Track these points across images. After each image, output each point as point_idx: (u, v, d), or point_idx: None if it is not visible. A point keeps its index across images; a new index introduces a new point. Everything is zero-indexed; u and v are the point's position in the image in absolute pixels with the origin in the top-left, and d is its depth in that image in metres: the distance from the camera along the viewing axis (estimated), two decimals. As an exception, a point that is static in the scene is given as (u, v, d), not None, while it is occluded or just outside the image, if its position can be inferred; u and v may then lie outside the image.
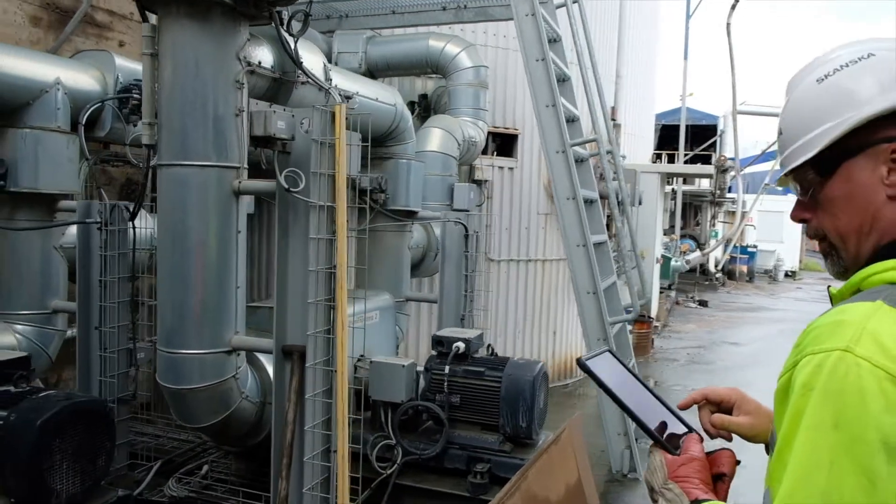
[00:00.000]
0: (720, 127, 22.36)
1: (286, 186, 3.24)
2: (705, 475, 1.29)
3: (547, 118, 6.28)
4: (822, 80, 1.20)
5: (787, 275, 26.28)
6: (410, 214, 5.36)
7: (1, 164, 4.12)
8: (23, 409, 2.98)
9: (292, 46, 3.65)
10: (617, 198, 6.96)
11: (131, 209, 3.97)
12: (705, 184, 22.21)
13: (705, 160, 21.23)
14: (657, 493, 1.29)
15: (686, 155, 20.34)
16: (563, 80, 6.90)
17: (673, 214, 19.28)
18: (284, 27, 3.60)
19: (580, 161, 7.00)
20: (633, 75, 15.13)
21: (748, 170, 31.84)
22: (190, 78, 3.43)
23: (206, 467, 4.39)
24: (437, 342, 4.19)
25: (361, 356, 4.41)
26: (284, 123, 3.22)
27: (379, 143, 5.24)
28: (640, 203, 10.52)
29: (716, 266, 21.99)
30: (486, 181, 8.21)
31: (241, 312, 3.64)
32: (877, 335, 0.98)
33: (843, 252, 1.22)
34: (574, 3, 6.98)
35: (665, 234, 19.37)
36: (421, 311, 7.67)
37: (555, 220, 8.94)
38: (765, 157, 33.77)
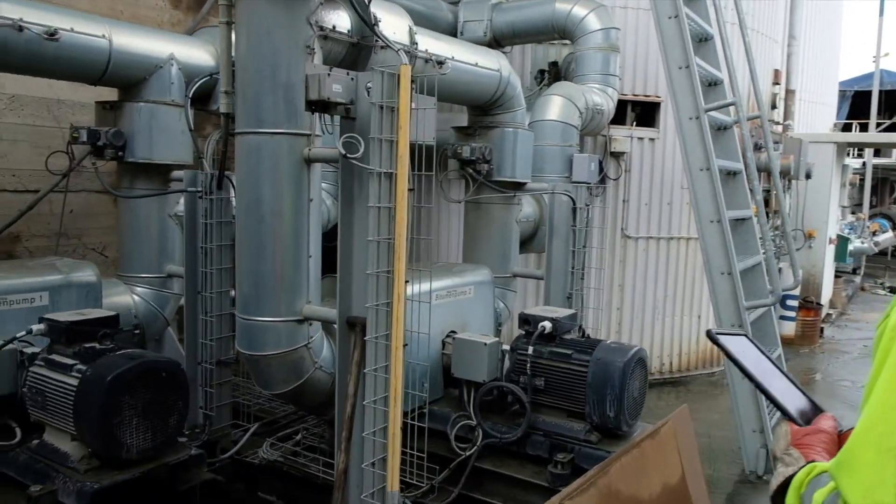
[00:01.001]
0: (925, 91, 19.49)
1: (343, 152, 3.08)
2: (831, 447, 1.26)
3: (679, 81, 5.65)
4: None
5: None
6: (518, 186, 5.05)
7: (119, 136, 4.33)
8: (99, 365, 3.09)
9: (365, 7, 3.47)
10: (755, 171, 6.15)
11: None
12: (905, 156, 19.58)
13: (907, 130, 18.65)
14: (778, 459, 1.28)
15: (880, 125, 17.96)
16: (703, 39, 6.20)
17: (860, 190, 17.15)
18: (357, -12, 3.42)
19: (723, 128, 6.27)
20: (811, 36, 13.53)
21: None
22: (261, 45, 3.36)
23: (301, 434, 4.42)
24: (524, 321, 3.88)
25: (452, 332, 4.21)
26: (342, 87, 3.06)
27: (483, 111, 4.97)
28: (808, 177, 9.35)
29: (916, 248, 19.33)
30: (623, 153, 7.64)
31: (314, 282, 3.57)
32: None
33: None
34: (721, -47, 6.23)
35: (852, 213, 17.31)
36: (536, 289, 7.31)
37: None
38: None
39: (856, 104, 21.95)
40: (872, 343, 1.16)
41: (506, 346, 3.94)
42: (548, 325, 3.74)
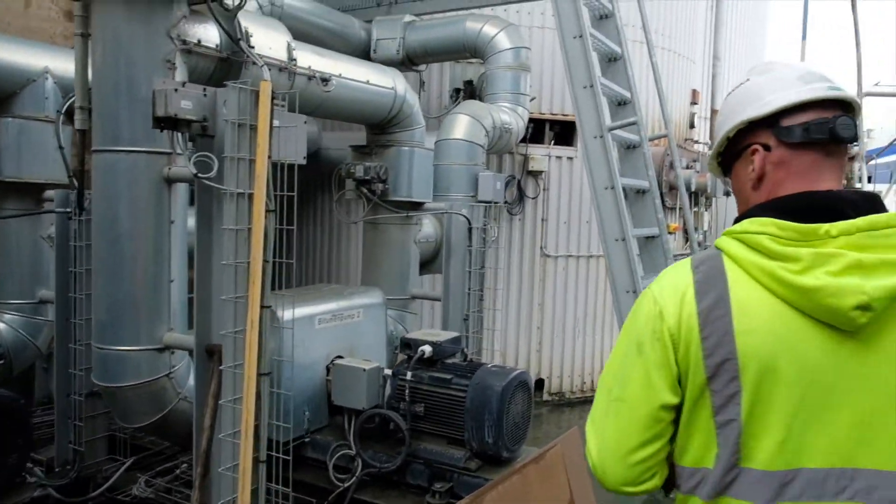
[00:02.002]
0: (849, 113, 20.15)
1: (195, 172, 2.91)
2: None
3: (584, 100, 5.63)
4: (727, 98, 1.54)
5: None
6: (415, 206, 4.93)
7: (-15, 155, 4.09)
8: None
9: (230, 19, 3.32)
10: (660, 189, 6.16)
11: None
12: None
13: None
14: None
15: (807, 143, 18.47)
16: (612, 59, 6.21)
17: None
18: (220, 1, 3.27)
19: (632, 147, 6.28)
20: (735, 57, 13.86)
21: (887, 159, 28.74)
22: (118, 58, 3.19)
23: (181, 467, 4.19)
24: (406, 345, 3.74)
25: (338, 357, 4.05)
26: (192, 103, 2.89)
27: (380, 129, 4.85)
28: (726, 195, 9.48)
29: (842, 264, 19.89)
30: (541, 172, 7.62)
31: (177, 308, 3.38)
32: (666, 276, 1.45)
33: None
34: (629, -26, 6.27)
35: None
36: (437, 311, 7.23)
37: (622, 213, 8.20)
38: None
39: (785, 124, 22.55)
40: None
41: (389, 371, 3.79)
42: (427, 349, 3.61)
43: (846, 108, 1.39)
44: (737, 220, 1.41)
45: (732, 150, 1.49)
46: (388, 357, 4.47)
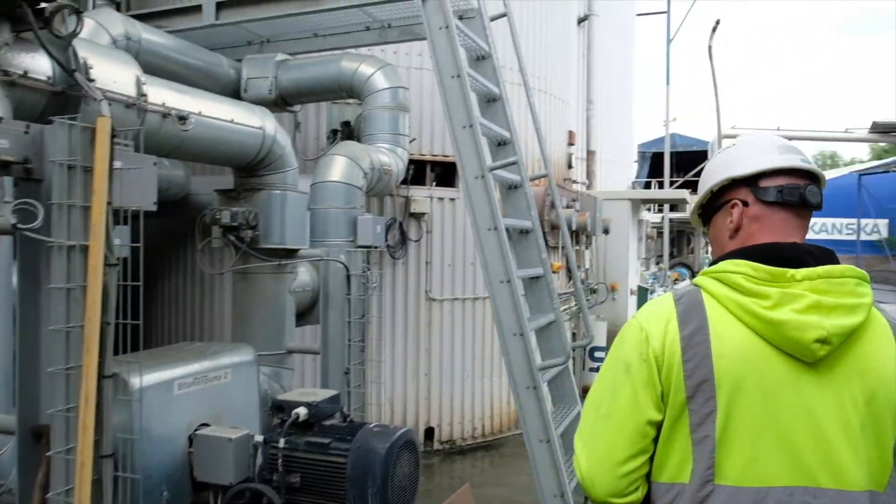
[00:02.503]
0: (710, 151, 21.53)
1: (13, 222, 2.47)
2: None
3: (464, 140, 5.51)
4: (709, 163, 1.79)
5: (788, 302, 25.13)
6: (289, 253, 4.59)
7: None
8: None
9: (63, 48, 2.91)
10: (542, 228, 6.12)
11: None
12: (697, 211, 21.33)
13: (696, 186, 20.38)
14: None
15: (674, 182, 19.51)
16: (491, 99, 6.17)
17: (661, 243, 18.38)
18: (49, 27, 2.87)
19: (513, 187, 6.23)
20: (607, 101, 14.44)
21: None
22: (-80, 91, 2.70)
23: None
24: (278, 408, 3.37)
25: (203, 426, 3.60)
26: (8, 141, 2.47)
27: (248, 171, 4.49)
28: (606, 232, 9.70)
29: (712, 295, 20.97)
30: (424, 214, 7.45)
31: (-2, 382, 2.87)
32: (650, 307, 1.62)
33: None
34: (503, 16, 6.28)
35: (656, 264, 18.49)
36: (316, 366, 6.88)
37: (507, 254, 8.16)
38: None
39: (654, 164, 23.84)
40: None
41: (260, 438, 3.40)
42: (302, 411, 3.26)
43: (813, 177, 1.63)
44: (712, 264, 1.62)
45: (713, 204, 1.71)
46: (262, 421, 4.05)
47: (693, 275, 20.26)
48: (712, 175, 1.70)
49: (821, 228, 43.32)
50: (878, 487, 1.48)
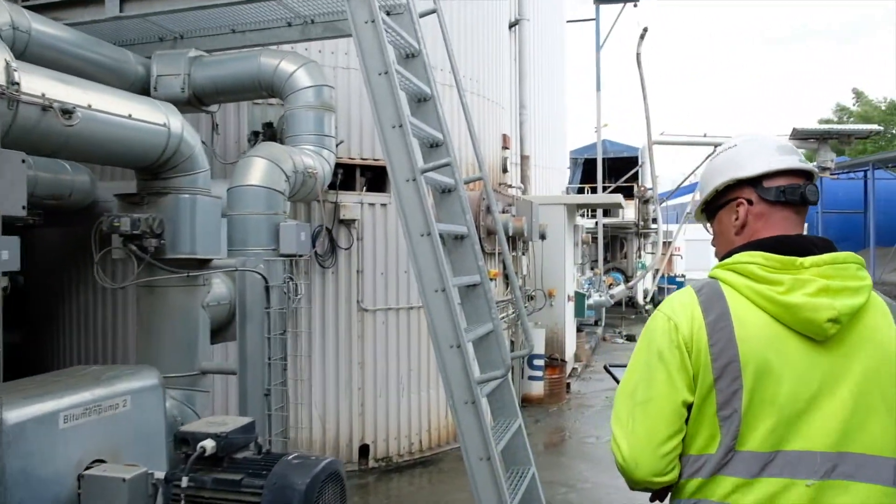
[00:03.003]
0: (640, 158, 21.82)
1: None
2: None
3: (393, 141, 5.17)
4: (712, 160, 1.91)
5: (717, 303, 25.68)
6: (202, 263, 4.13)
7: None
8: None
9: None
10: (478, 234, 5.81)
11: None
12: (630, 215, 21.60)
13: (629, 192, 20.59)
14: None
15: (607, 188, 19.64)
16: (422, 99, 5.84)
17: (596, 247, 18.45)
18: None
19: (447, 191, 5.92)
20: (540, 106, 14.34)
21: (676, 201, 31.57)
22: None
23: None
24: (182, 440, 2.94)
25: (97, 462, 3.12)
26: None
27: (152, 174, 4.03)
28: (542, 237, 9.50)
29: (645, 297, 21.20)
30: (354, 220, 7.06)
31: None
32: (674, 298, 1.75)
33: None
34: (432, 13, 5.97)
35: (591, 269, 18.53)
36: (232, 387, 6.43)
37: (442, 261, 7.84)
38: (686, 189, 33.60)
39: (586, 170, 24.03)
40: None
41: (161, 475, 2.95)
42: (209, 444, 2.84)
43: (809, 176, 1.78)
44: (722, 258, 1.78)
45: (718, 202, 1.85)
46: (169, 454, 3.59)
47: (627, 279, 20.43)
48: (717, 175, 1.84)
49: (745, 231, 44.52)
50: (892, 453, 1.60)
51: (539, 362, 9.69)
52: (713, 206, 1.88)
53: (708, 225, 1.94)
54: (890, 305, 1.72)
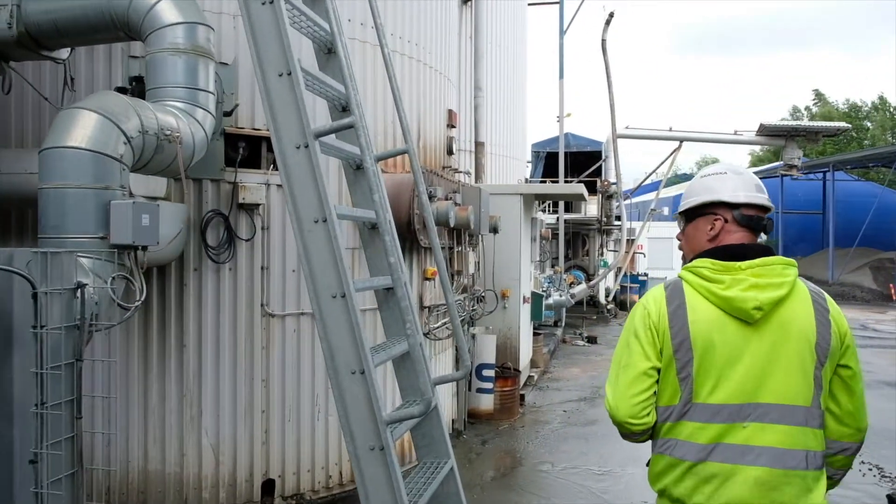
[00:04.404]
0: (604, 152, 20.60)
1: None
2: None
3: (279, 94, 3.74)
4: (702, 177, 2.45)
5: (679, 302, 24.66)
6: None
7: None
8: None
9: None
10: (410, 224, 4.38)
11: None
12: (593, 211, 20.39)
13: (591, 187, 19.36)
14: None
15: (569, 182, 18.37)
16: (327, 50, 4.41)
17: (556, 244, 17.18)
18: None
19: (357, 168, 4.50)
20: (498, 89, 12.99)
21: (639, 198, 30.57)
22: None
23: None
24: None
25: None
26: None
27: None
28: (494, 231, 8.13)
29: (606, 297, 20.02)
30: (258, 205, 5.59)
31: None
32: (650, 293, 2.36)
33: (687, 262, 2.40)
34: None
35: (552, 266, 17.24)
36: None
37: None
38: (649, 187, 32.66)
39: (549, 164, 22.76)
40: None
41: None
42: None
43: (768, 209, 2.39)
44: (688, 260, 2.40)
45: (699, 210, 2.41)
46: None
47: (589, 278, 19.22)
48: (707, 191, 2.39)
49: (705, 230, 43.90)
50: (805, 403, 2.19)
51: (489, 373, 8.33)
52: (693, 213, 2.44)
53: (681, 224, 2.52)
54: (812, 292, 2.28)
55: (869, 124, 43.04)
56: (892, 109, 45.82)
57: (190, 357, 5.48)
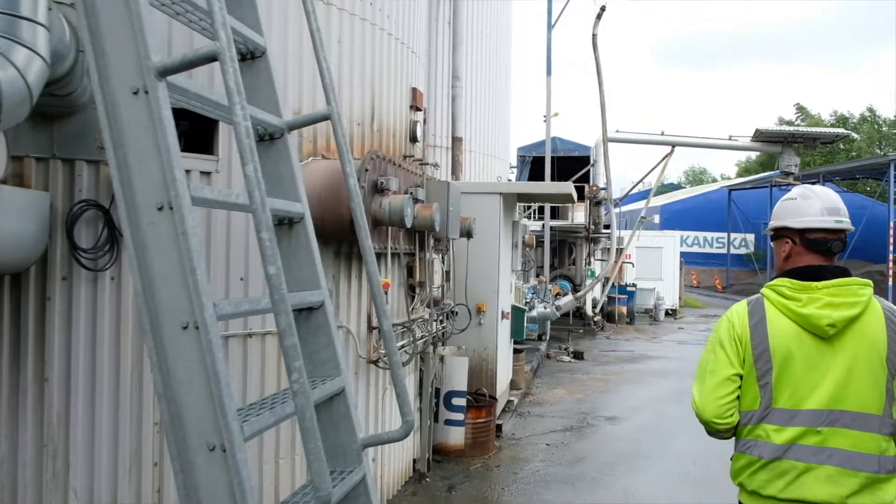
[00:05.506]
0: (592, 156, 19.32)
1: None
2: None
3: (109, 13, 2.39)
4: (782, 201, 2.72)
5: (667, 313, 23.42)
6: None
7: None
8: None
9: None
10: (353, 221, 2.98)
11: None
12: (580, 218, 19.10)
13: (579, 193, 18.06)
14: None
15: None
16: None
17: (538, 252, 15.84)
18: None
19: (266, 137, 3.14)
20: (480, 81, 11.67)
21: (627, 207, 29.34)
22: None
23: None
24: None
25: None
26: None
27: None
28: (469, 236, 6.78)
29: (594, 308, 18.69)
30: (152, 195, 4.17)
31: None
32: (734, 307, 2.63)
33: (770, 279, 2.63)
34: None
35: (536, 276, 15.92)
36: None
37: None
38: (638, 195, 31.40)
39: (535, 170, 21.46)
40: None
41: None
42: None
43: (841, 231, 2.57)
44: (773, 278, 2.61)
45: (778, 233, 2.68)
46: None
47: (575, 288, 17.92)
48: (778, 217, 2.67)
49: (693, 242, 42.97)
50: (877, 411, 2.38)
51: (459, 402, 6.94)
52: (774, 234, 2.71)
53: (772, 243, 2.76)
54: (886, 310, 2.47)
55: (856, 136, 42.13)
56: (880, 121, 45.03)
57: (54, 394, 4.06)
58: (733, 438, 2.62)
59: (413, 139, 6.14)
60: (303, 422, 2.21)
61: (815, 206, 2.55)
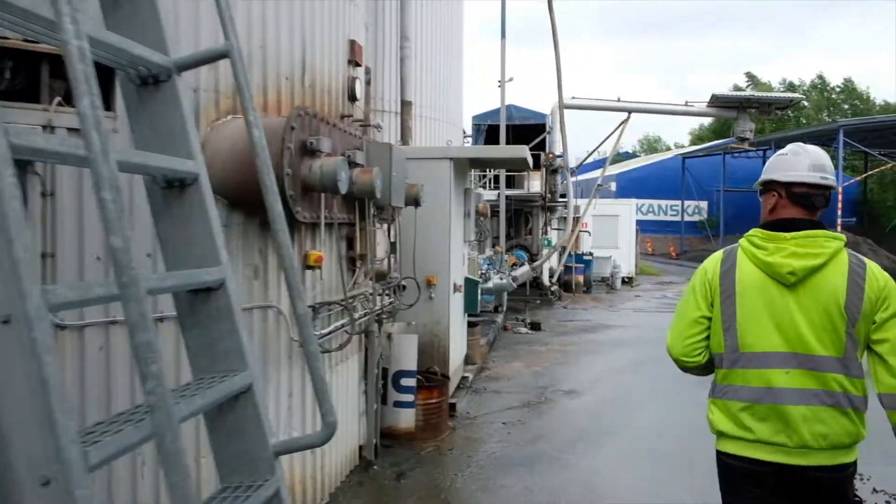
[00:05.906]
0: (548, 124, 18.83)
1: None
2: None
3: None
4: (773, 157, 2.79)
5: (624, 281, 23.32)
6: None
7: None
8: None
9: None
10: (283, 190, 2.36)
11: None
12: (536, 187, 18.67)
13: (535, 161, 17.60)
14: None
15: (511, 154, 16.54)
16: None
17: (494, 222, 15.37)
18: None
19: (150, 80, 2.51)
20: (430, 44, 11.00)
21: (583, 176, 29.06)
22: None
23: None
24: None
25: None
26: None
27: None
28: (417, 204, 6.20)
29: (551, 278, 18.37)
30: (31, 161, 3.49)
31: None
32: (712, 255, 2.83)
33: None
34: None
35: (492, 246, 15.45)
36: None
37: (233, 235, 4.38)
38: (593, 164, 31.15)
39: (490, 138, 20.92)
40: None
41: None
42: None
43: (826, 188, 2.67)
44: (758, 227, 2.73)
45: (764, 186, 2.78)
46: None
47: (532, 258, 17.55)
48: (768, 171, 2.75)
49: (648, 209, 43.06)
50: (838, 354, 2.53)
51: (409, 382, 6.44)
52: (762, 189, 2.80)
53: (760, 198, 2.83)
54: (854, 262, 2.57)
55: (806, 103, 42.60)
56: (829, 88, 45.61)
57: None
58: (709, 384, 2.82)
59: (352, 98, 5.51)
60: (162, 447, 1.64)
61: (804, 161, 2.69)
